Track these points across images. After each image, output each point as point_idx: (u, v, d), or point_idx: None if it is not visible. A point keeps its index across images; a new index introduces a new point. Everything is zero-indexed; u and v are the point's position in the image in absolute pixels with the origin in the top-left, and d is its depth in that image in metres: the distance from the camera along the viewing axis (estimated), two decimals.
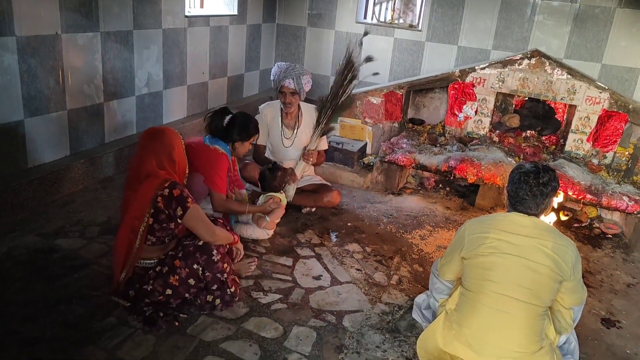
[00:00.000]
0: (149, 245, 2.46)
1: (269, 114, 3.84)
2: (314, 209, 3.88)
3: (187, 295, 2.49)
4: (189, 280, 2.47)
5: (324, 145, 3.98)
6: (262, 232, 3.36)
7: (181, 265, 2.45)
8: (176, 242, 2.60)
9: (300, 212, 3.83)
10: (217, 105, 5.65)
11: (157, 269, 2.48)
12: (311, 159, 3.79)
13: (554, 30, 5.25)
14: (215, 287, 2.54)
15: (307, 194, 3.86)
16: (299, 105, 3.82)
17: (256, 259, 2.99)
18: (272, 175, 3.48)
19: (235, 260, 2.90)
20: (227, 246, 2.75)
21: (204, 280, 2.50)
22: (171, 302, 2.49)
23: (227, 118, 3.11)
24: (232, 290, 2.59)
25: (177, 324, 2.45)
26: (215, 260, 2.50)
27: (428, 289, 2.70)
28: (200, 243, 2.50)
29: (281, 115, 3.83)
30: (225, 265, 2.57)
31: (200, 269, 2.48)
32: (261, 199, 3.44)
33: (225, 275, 2.55)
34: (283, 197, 3.46)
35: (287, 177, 3.56)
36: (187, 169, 2.62)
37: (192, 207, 2.43)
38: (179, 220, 2.43)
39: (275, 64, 3.75)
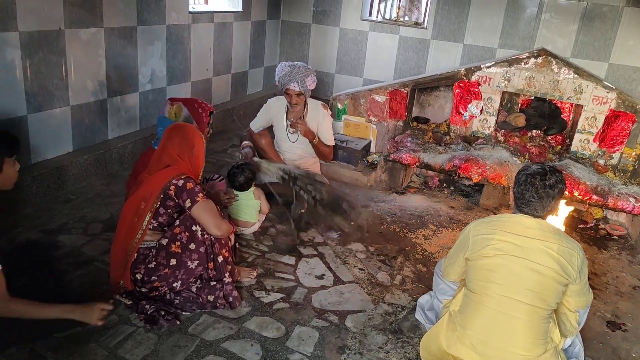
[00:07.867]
0: (149, 229, 2.53)
1: (274, 107, 3.88)
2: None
3: (189, 263, 2.49)
4: (190, 245, 2.49)
5: (329, 138, 3.88)
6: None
7: (180, 231, 2.49)
8: None
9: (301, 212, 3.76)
10: (220, 102, 5.66)
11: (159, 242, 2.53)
12: (299, 128, 3.67)
13: (560, 29, 5.20)
14: (214, 283, 2.55)
15: None
16: (305, 101, 3.82)
17: (257, 270, 2.95)
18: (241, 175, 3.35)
19: None
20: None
21: (204, 243, 2.51)
22: (177, 274, 2.49)
23: None
24: (230, 280, 2.60)
25: (178, 322, 2.45)
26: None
27: (431, 290, 2.68)
28: None
29: (287, 111, 3.84)
30: (225, 252, 2.61)
31: (199, 229, 2.50)
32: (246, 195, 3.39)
33: (222, 259, 2.59)
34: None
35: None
36: (202, 168, 2.72)
37: (202, 200, 2.47)
38: (188, 212, 2.47)
39: (279, 65, 3.71)
